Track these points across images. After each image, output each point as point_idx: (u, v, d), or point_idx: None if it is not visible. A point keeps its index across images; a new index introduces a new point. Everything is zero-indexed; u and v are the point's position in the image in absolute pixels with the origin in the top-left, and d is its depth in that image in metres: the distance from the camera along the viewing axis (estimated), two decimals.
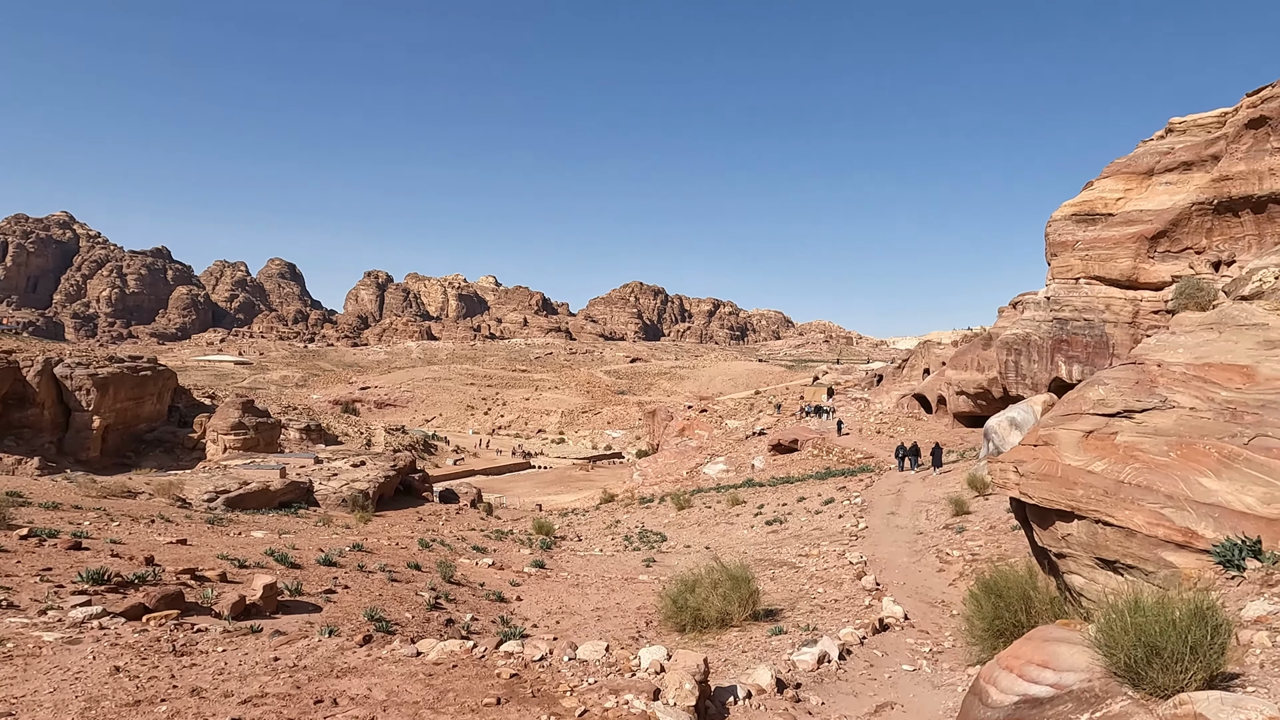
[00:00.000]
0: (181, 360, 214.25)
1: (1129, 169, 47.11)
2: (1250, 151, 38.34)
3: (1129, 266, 42.72)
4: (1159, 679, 4.48)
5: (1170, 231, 41.85)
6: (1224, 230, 40.13)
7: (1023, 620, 8.94)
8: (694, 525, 33.06)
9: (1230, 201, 38.95)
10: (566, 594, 16.89)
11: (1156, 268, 42.15)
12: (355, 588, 13.36)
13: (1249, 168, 38.11)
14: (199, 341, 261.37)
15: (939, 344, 78.34)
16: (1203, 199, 40.14)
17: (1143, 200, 44.95)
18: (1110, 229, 44.70)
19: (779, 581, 19.05)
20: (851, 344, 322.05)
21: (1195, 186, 41.63)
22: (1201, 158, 42.74)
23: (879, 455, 52.25)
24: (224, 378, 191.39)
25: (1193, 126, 46.08)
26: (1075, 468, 9.40)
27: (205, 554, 13.68)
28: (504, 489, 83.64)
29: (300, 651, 7.51)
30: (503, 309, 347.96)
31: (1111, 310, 43.25)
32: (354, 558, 15.99)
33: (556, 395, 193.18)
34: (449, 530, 33.35)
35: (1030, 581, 9.43)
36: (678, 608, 14.01)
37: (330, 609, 11.60)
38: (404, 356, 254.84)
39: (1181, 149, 44.53)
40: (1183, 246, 41.72)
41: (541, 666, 7.48)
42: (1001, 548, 19.06)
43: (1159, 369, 10.74)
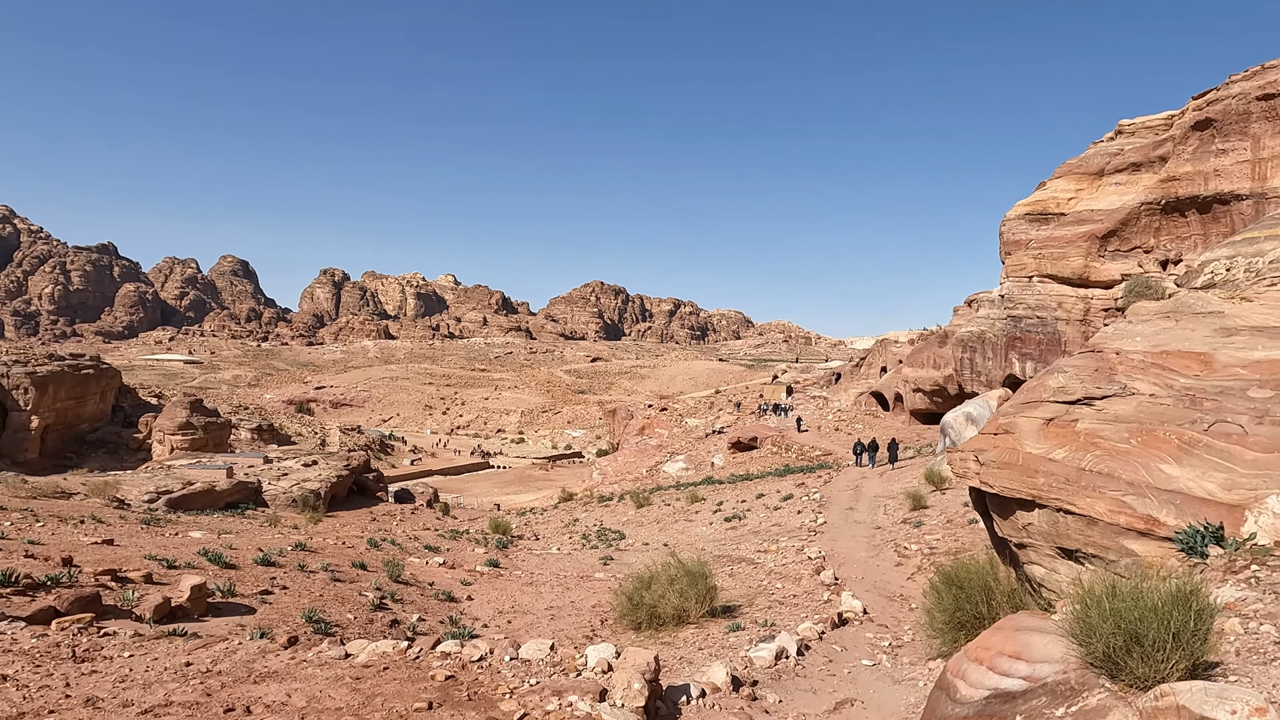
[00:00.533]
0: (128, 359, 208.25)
1: (1080, 169, 47.90)
2: (1196, 153, 39.14)
3: (1080, 265, 43.40)
4: (1139, 669, 4.18)
5: (1120, 231, 42.59)
6: (1171, 230, 40.94)
7: (983, 612, 8.70)
8: (653, 523, 32.70)
9: (1177, 202, 39.73)
10: (520, 593, 16.37)
11: (1107, 266, 42.87)
12: (295, 588, 12.70)
13: (1195, 169, 38.91)
14: (147, 340, 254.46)
15: (896, 343, 79.10)
16: (1151, 199, 40.91)
17: (1094, 200, 45.72)
18: (1062, 228, 45.38)
19: (738, 578, 18.75)
20: (810, 344, 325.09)
21: (1144, 187, 42.46)
22: (1150, 159, 43.59)
23: (837, 452, 52.43)
24: (173, 377, 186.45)
25: (1141, 128, 47.03)
26: (1036, 455, 9.17)
27: (132, 555, 12.90)
28: (462, 489, 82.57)
29: (216, 656, 6.93)
30: (462, 308, 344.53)
31: (1064, 308, 43.89)
32: (296, 557, 15.28)
33: (516, 395, 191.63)
34: (402, 530, 32.55)
35: (991, 573, 9.20)
36: (633, 605, 13.60)
37: (265, 610, 10.96)
38: (361, 356, 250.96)
39: (1131, 150, 45.39)
40: (1132, 246, 42.50)
41: (480, 668, 7.01)
42: (959, 540, 18.97)
43: (1117, 357, 10.60)
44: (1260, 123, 36.40)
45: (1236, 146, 37.38)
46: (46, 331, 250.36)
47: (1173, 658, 4.15)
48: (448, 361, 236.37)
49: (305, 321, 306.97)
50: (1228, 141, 37.79)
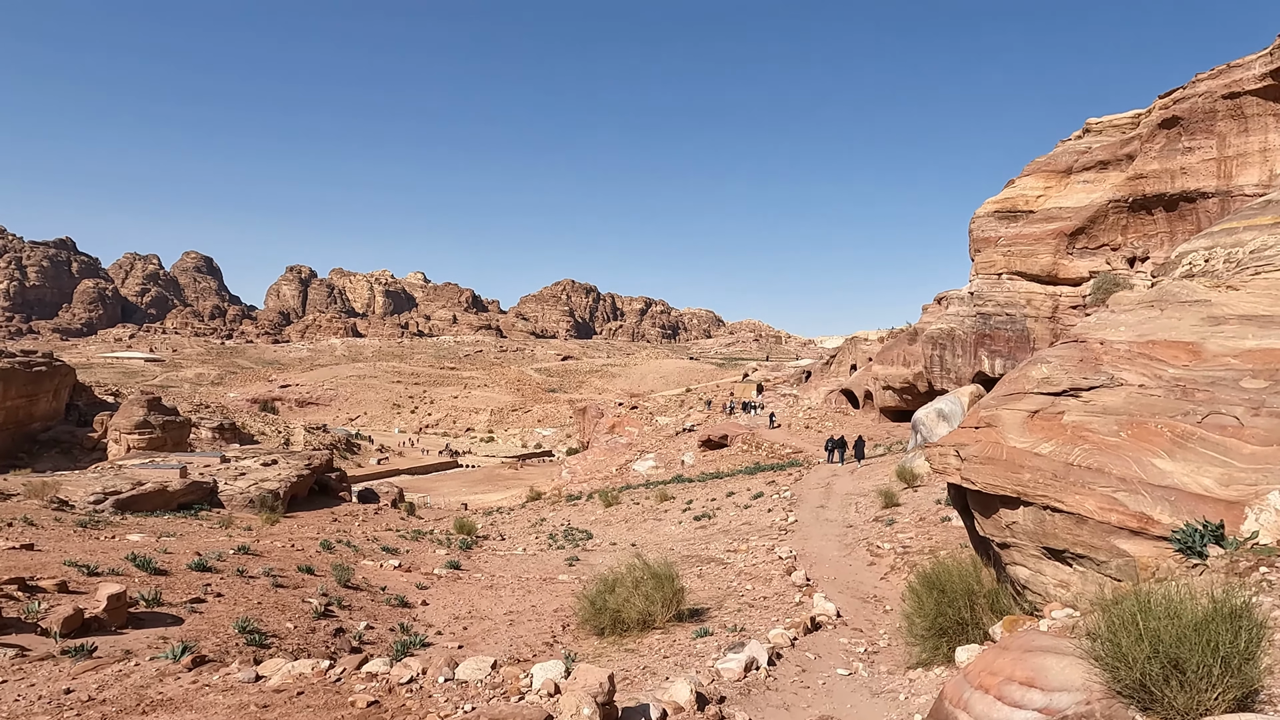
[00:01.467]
0: (87, 357, 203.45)
1: (1049, 167, 48.06)
2: (1163, 151, 39.32)
3: (1049, 262, 43.49)
4: (1178, 700, 3.58)
5: (1088, 228, 42.72)
6: (1138, 227, 41.14)
7: (966, 618, 8.15)
8: (621, 522, 32.05)
9: (1145, 199, 39.90)
10: (478, 597, 15.62)
11: (1075, 264, 42.99)
12: (231, 595, 11.86)
13: (1162, 166, 39.09)
14: (106, 338, 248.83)
15: (866, 340, 79.20)
16: (1119, 197, 41.07)
17: (1062, 198, 45.86)
18: (1031, 225, 45.47)
19: (706, 579, 18.15)
20: (781, 342, 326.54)
21: (1111, 185, 42.63)
22: (1117, 157, 43.78)
23: (808, 450, 52.17)
24: (133, 375, 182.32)
25: (1109, 127, 47.27)
26: (1021, 450, 8.63)
27: (50, 561, 11.97)
28: (429, 488, 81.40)
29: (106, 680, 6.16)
30: (431, 306, 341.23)
31: (1033, 305, 43.95)
32: (237, 561, 14.38)
33: (486, 393, 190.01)
34: (362, 531, 31.58)
35: (974, 575, 8.65)
36: (596, 610, 12.92)
37: (194, 621, 10.14)
38: (328, 354, 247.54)
39: (1098, 148, 45.58)
40: (1100, 243, 42.65)
41: (410, 691, 6.30)
42: (932, 539, 18.53)
43: (1102, 347, 10.12)
44: (1225, 121, 36.60)
45: (1203, 145, 37.55)
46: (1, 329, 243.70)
47: (1219, 686, 3.55)
48: (416, 360, 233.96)
49: (271, 319, 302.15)
50: (1194, 140, 37.96)
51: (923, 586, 8.78)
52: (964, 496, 10.39)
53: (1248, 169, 35.76)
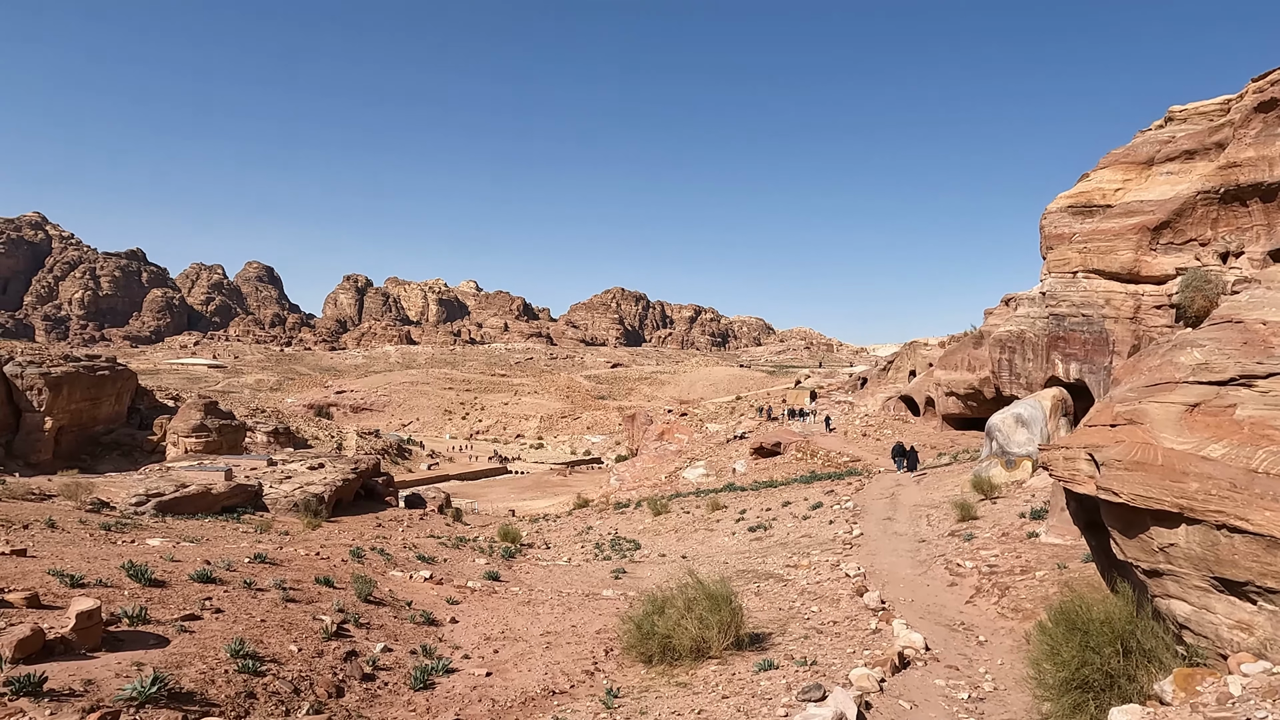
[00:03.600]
0: (154, 364, 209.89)
1: (1127, 159, 45.11)
2: (1260, 136, 36.33)
3: (1130, 259, 40.62)
4: None
5: (1173, 222, 39.80)
6: (1230, 220, 38.12)
7: (1116, 670, 6.38)
8: (670, 532, 30.43)
9: (1238, 190, 36.93)
10: (514, 614, 14.17)
11: (1159, 260, 40.06)
12: (232, 611, 10.62)
13: (1259, 154, 36.11)
14: (173, 345, 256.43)
15: (925, 345, 76.28)
16: (1208, 188, 38.12)
17: (1143, 191, 42.94)
18: (1109, 220, 42.60)
19: (765, 597, 16.42)
20: (832, 350, 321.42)
21: (1199, 175, 39.65)
22: (1205, 146, 40.77)
23: (866, 458, 49.87)
24: (196, 381, 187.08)
25: (1194, 114, 44.17)
26: (1182, 453, 6.77)
27: (34, 569, 10.88)
28: (478, 494, 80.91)
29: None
30: (483, 314, 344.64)
31: (1111, 305, 41.10)
32: (248, 572, 13.18)
33: (536, 400, 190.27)
34: (402, 537, 30.53)
35: (1130, 615, 6.82)
36: (643, 634, 11.35)
37: (181, 643, 8.88)
38: (382, 361, 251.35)
39: (1183, 137, 42.57)
40: (1187, 238, 39.69)
41: None
42: (1022, 558, 16.48)
43: (1266, 328, 8.14)
44: None
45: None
46: (76, 336, 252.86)
47: None
48: (468, 367, 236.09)
49: (328, 327, 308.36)
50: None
51: (1057, 626, 7.01)
52: (1087, 511, 8.50)
53: None
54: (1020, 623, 12.68)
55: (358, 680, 9.53)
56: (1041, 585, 13.76)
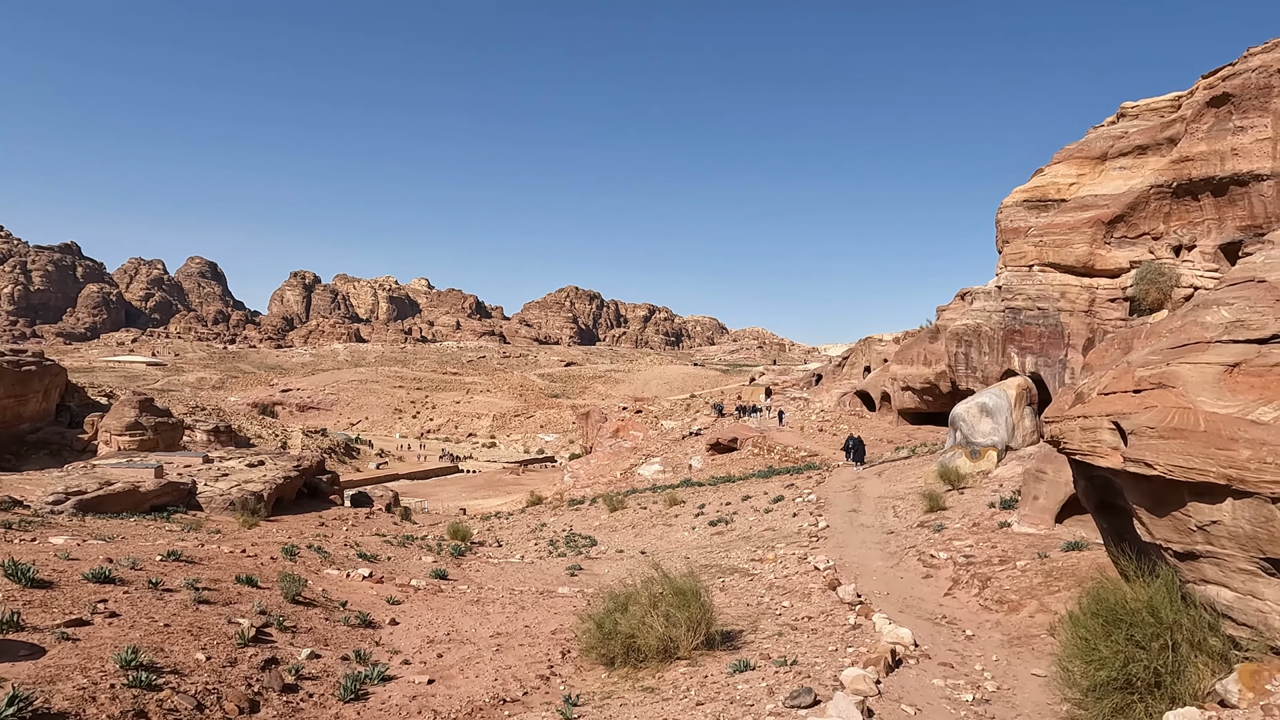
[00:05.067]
0: (89, 361, 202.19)
1: (1081, 154, 45.40)
2: (1212, 131, 36.66)
3: (1085, 253, 40.75)
4: None
5: (1127, 216, 40.03)
6: (1183, 214, 38.44)
7: (1165, 667, 5.52)
8: (628, 528, 29.41)
9: (1190, 184, 37.22)
10: (461, 614, 12.96)
11: (1114, 254, 40.24)
12: (130, 615, 9.26)
13: (1210, 148, 36.43)
14: (109, 342, 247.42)
15: (880, 341, 76.50)
16: (1161, 182, 38.39)
17: (1097, 185, 43.18)
18: (1064, 214, 42.74)
19: (731, 592, 15.47)
20: (784, 350, 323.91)
21: (1152, 170, 39.94)
22: (1157, 141, 41.13)
23: (823, 453, 49.48)
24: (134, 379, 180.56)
25: (1146, 110, 44.63)
26: (1229, 417, 5.92)
27: None
28: (428, 493, 79.06)
29: None
30: (435, 312, 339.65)
31: (1067, 298, 41.19)
32: (156, 570, 11.75)
33: (488, 399, 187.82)
34: (346, 536, 29.01)
35: (1177, 603, 5.94)
36: (604, 634, 10.27)
37: (61, 652, 7.54)
38: (330, 359, 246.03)
39: (1135, 133, 42.94)
40: (1140, 232, 39.94)
41: None
42: (997, 548, 15.79)
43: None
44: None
45: (1256, 123, 34.84)
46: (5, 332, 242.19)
47: None
48: (419, 365, 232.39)
49: (274, 324, 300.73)
50: (1246, 118, 35.26)
51: (1093, 618, 6.11)
52: (1099, 490, 7.63)
53: None
54: (1006, 615, 11.91)
55: (277, 692, 8.28)
56: (1024, 576, 13.02)
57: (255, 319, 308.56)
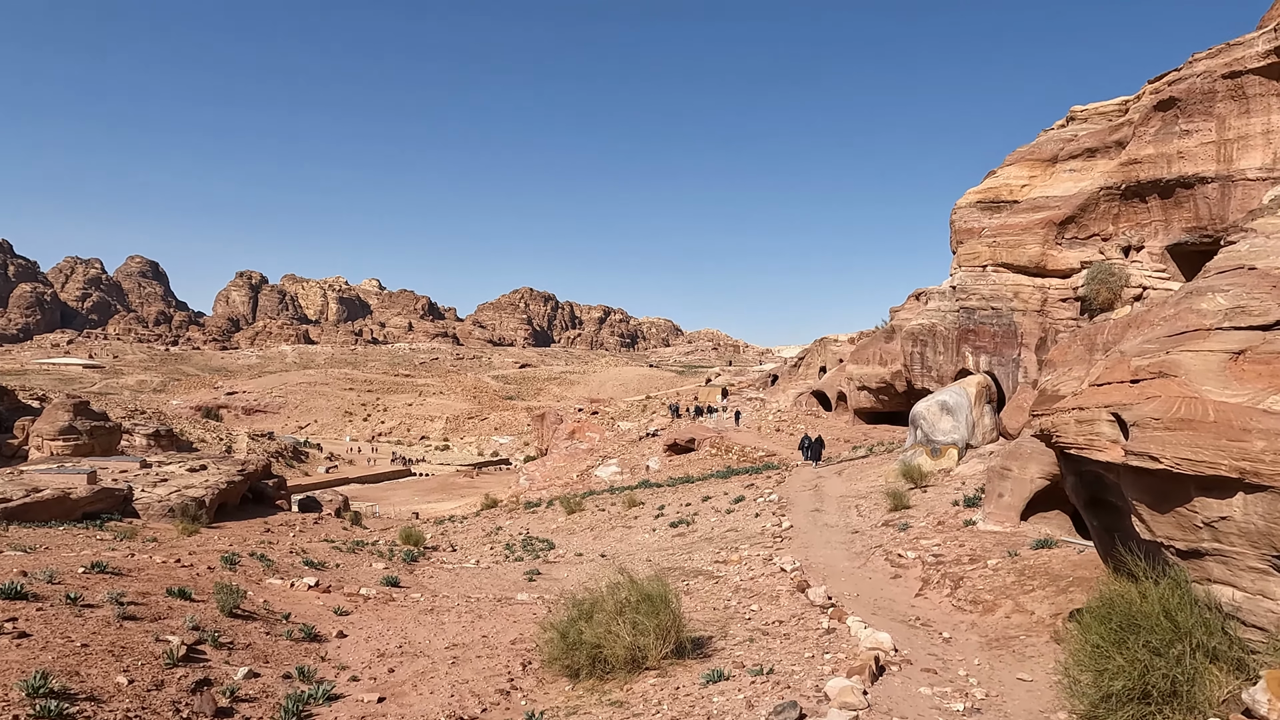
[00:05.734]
0: (21, 363, 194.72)
1: (1033, 156, 46.09)
2: (1159, 134, 37.42)
3: (1037, 253, 41.32)
4: None
5: (1078, 217, 40.68)
6: (1131, 216, 39.17)
7: (1183, 675, 5.16)
8: (586, 530, 28.81)
9: (1139, 186, 37.93)
10: (414, 624, 12.25)
11: (1065, 254, 40.87)
12: (42, 635, 8.40)
13: (1158, 151, 37.16)
14: (43, 343, 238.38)
15: (836, 342, 77.02)
16: (1110, 184, 39.06)
17: (1048, 187, 43.86)
18: (1017, 215, 43.33)
19: (697, 596, 14.99)
20: (739, 352, 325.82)
21: (1101, 172, 40.67)
22: (1106, 144, 41.90)
23: (781, 453, 49.42)
24: (70, 382, 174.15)
25: (1094, 114, 45.46)
26: (1240, 406, 5.55)
27: None
28: (380, 498, 77.36)
29: None
30: (386, 313, 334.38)
31: (1020, 298, 41.73)
32: (78, 584, 10.81)
33: (442, 401, 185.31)
34: (293, 542, 27.92)
35: (1191, 606, 5.58)
36: (568, 644, 9.68)
37: None
38: (278, 361, 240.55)
39: (1085, 135, 43.71)
40: (1090, 233, 40.60)
41: None
42: (966, 547, 15.57)
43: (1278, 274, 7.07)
44: (1226, 102, 34.71)
45: (1201, 127, 35.63)
46: None
47: None
48: (370, 367, 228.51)
49: (219, 325, 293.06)
50: (1192, 122, 36.04)
51: (1102, 624, 5.73)
52: (1090, 486, 7.28)
53: (1250, 152, 33.86)
54: (981, 616, 11.61)
55: (208, 717, 7.52)
56: (997, 575, 12.76)
57: (199, 320, 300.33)
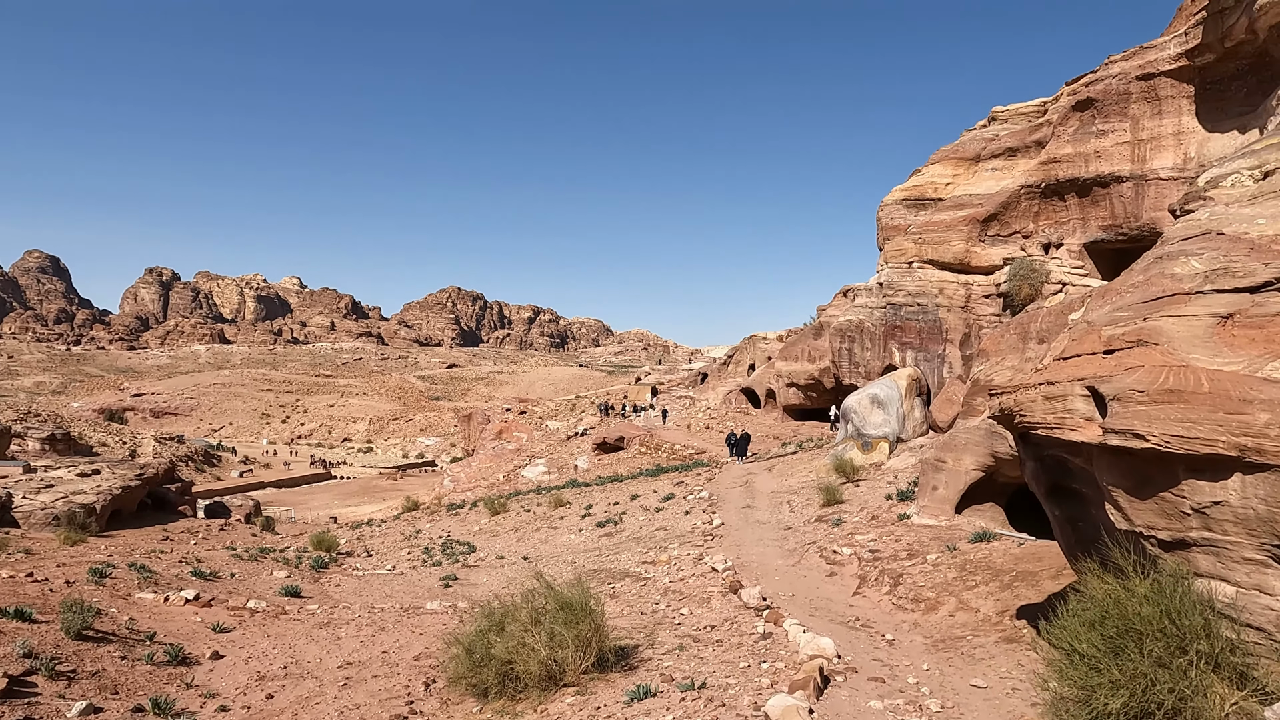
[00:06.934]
0: None
1: (956, 155, 46.74)
2: (1077, 134, 38.21)
3: (961, 250, 41.80)
4: None
5: (1000, 215, 41.31)
6: (1050, 214, 39.94)
7: (1187, 691, 4.41)
8: (510, 532, 27.57)
9: (1058, 184, 38.68)
10: (306, 640, 10.94)
11: (988, 251, 41.48)
12: None
13: (1075, 150, 37.94)
14: None
15: (765, 339, 77.19)
16: (1031, 182, 39.75)
17: (971, 185, 44.49)
18: (941, 213, 43.82)
19: (623, 599, 14.02)
20: (669, 352, 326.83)
21: (1022, 171, 41.40)
22: (1026, 144, 42.68)
23: (711, 450, 48.92)
24: None
25: (1015, 115, 46.34)
26: (1236, 375, 4.83)
27: None
28: (297, 502, 74.19)
29: None
30: (308, 312, 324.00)
31: (945, 294, 42.17)
32: None
33: (365, 402, 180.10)
34: (191, 551, 25.98)
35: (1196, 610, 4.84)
36: (475, 661, 8.56)
37: None
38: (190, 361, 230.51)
39: (1006, 135, 44.49)
40: (1012, 230, 41.29)
41: None
42: (902, 542, 14.98)
43: (1267, 238, 6.47)
44: (1139, 103, 35.60)
45: (1117, 128, 36.50)
46: None
47: None
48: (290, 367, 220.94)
49: (126, 324, 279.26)
50: (1108, 122, 36.89)
51: (1092, 629, 4.94)
52: (1051, 472, 6.55)
53: (1162, 152, 34.79)
54: (924, 615, 10.94)
55: None
56: (937, 570, 12.15)
57: (105, 319, 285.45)
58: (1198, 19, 31.31)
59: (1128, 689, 4.70)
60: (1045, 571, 10.72)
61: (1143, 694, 4.65)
